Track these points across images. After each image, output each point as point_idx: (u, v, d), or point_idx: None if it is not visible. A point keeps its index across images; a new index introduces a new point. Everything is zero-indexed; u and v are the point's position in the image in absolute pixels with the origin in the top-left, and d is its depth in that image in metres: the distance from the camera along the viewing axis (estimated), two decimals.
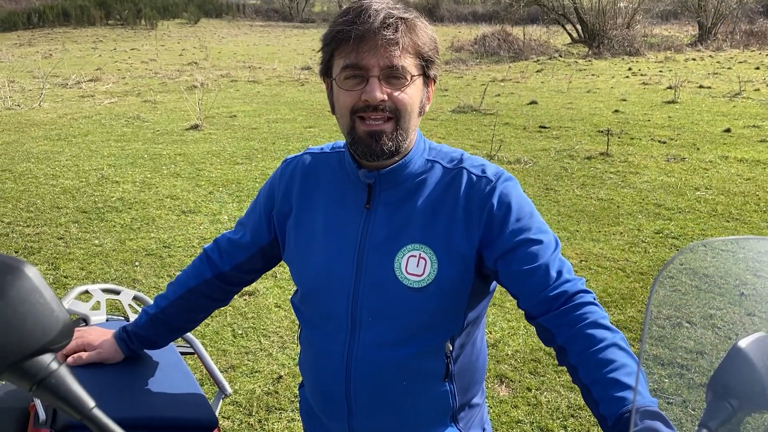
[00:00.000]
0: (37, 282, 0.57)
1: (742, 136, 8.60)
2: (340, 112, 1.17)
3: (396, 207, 1.20)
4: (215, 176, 6.60)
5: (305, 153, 1.34)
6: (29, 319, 0.56)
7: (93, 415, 0.60)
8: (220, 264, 1.39)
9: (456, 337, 1.22)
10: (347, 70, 1.12)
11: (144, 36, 28.56)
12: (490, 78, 15.36)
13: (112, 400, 1.28)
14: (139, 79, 14.69)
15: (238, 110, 10.61)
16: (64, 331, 0.58)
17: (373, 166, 1.19)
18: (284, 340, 3.54)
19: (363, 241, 1.19)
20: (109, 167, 6.89)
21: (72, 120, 9.59)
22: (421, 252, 1.16)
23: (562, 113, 10.38)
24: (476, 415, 1.35)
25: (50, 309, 0.57)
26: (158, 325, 1.39)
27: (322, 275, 1.22)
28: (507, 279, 1.14)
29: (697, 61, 19.21)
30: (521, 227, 1.14)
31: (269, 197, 1.34)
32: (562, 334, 1.06)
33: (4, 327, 0.54)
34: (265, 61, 18.80)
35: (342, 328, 1.21)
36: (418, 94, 1.16)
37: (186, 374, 1.46)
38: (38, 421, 1.25)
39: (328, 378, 1.25)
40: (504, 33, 23.48)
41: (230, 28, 34.87)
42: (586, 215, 5.57)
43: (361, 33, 1.08)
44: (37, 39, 26.90)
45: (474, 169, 1.20)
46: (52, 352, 0.58)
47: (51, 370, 0.58)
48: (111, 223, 5.24)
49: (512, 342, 3.51)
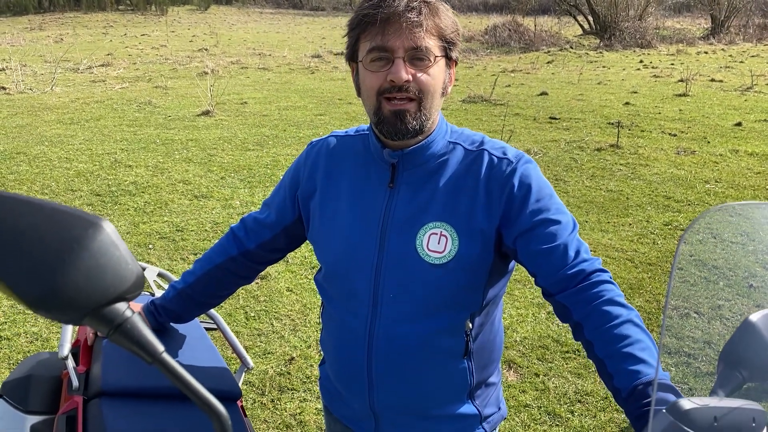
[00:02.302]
0: (114, 236, 0.62)
1: (753, 130, 8.58)
2: (366, 93, 1.21)
3: (418, 186, 1.24)
4: (227, 162, 6.65)
5: (330, 136, 1.38)
6: (109, 270, 0.61)
7: (163, 359, 0.65)
8: (245, 242, 1.43)
9: (476, 315, 1.26)
10: (373, 52, 1.15)
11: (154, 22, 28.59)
12: (500, 68, 15.32)
13: (141, 370, 1.33)
14: (149, 65, 14.74)
15: (249, 97, 10.64)
16: (137, 282, 0.63)
17: (397, 145, 1.23)
18: (296, 323, 3.60)
19: (386, 219, 1.23)
20: (122, 151, 6.95)
21: (84, 104, 9.66)
22: (442, 230, 1.20)
23: (572, 105, 10.37)
24: (492, 394, 1.39)
25: (125, 261, 0.62)
26: (185, 299, 1.44)
27: (346, 253, 1.27)
28: (526, 257, 1.18)
29: (709, 55, 19.08)
30: (540, 207, 1.17)
31: (294, 178, 1.38)
32: (578, 310, 1.10)
33: (89, 276, 0.59)
34: (276, 49, 18.80)
35: (364, 304, 1.25)
36: (441, 74, 1.20)
37: (210, 348, 1.51)
38: (71, 388, 1.31)
39: (351, 353, 1.29)
40: (515, 23, 23.37)
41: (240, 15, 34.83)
42: (595, 206, 5.59)
43: (386, 16, 1.12)
44: (48, 23, 26.97)
45: (495, 151, 1.24)
46: (126, 300, 0.63)
47: (126, 317, 0.63)
48: (125, 206, 5.31)
49: (521, 329, 3.56)
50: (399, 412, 1.31)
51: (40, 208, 0.59)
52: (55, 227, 0.59)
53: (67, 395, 1.33)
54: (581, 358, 3.27)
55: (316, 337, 3.46)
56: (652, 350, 1.01)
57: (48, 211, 0.59)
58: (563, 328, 3.55)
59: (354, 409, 1.36)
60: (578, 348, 3.36)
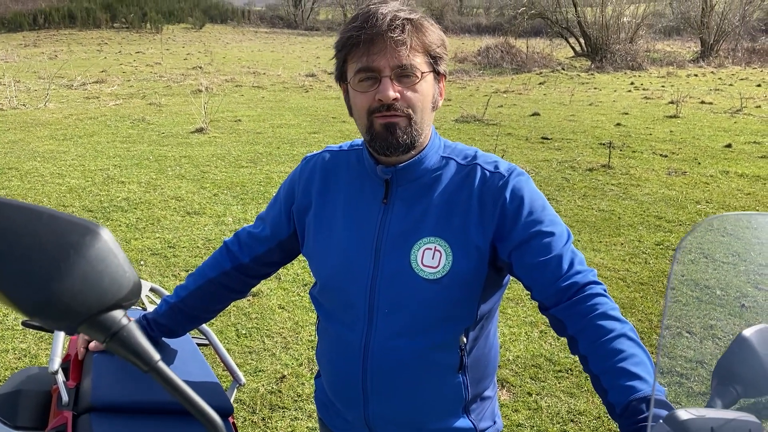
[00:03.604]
0: (111, 244, 0.62)
1: (743, 151, 8.67)
2: (357, 113, 1.22)
3: (412, 202, 1.24)
4: (220, 179, 6.65)
5: (324, 151, 1.39)
6: (106, 277, 0.60)
7: (158, 367, 0.64)
8: (239, 256, 1.43)
9: (470, 330, 1.27)
10: (360, 72, 1.17)
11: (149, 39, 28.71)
12: (493, 89, 15.45)
13: (132, 385, 1.32)
14: (144, 82, 14.78)
15: (243, 115, 10.67)
16: (134, 290, 0.63)
17: (391, 161, 1.23)
18: (287, 341, 3.58)
19: (381, 235, 1.24)
20: (114, 168, 6.94)
21: (77, 120, 9.65)
22: (436, 245, 1.21)
23: (564, 125, 10.45)
24: (488, 408, 1.39)
25: (123, 269, 0.62)
26: (177, 313, 1.43)
27: (341, 267, 1.27)
28: (520, 270, 1.18)
29: (699, 77, 19.32)
30: (534, 220, 1.18)
31: (289, 193, 1.39)
32: (573, 324, 1.10)
33: (86, 283, 0.59)
34: (270, 67, 18.90)
35: (360, 319, 1.25)
36: (430, 89, 1.21)
37: (202, 363, 1.50)
38: (61, 403, 1.30)
39: (346, 366, 1.29)
40: (507, 45, 23.62)
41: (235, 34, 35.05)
42: (587, 226, 5.62)
43: (370, 36, 1.14)
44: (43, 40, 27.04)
45: (487, 165, 1.25)
46: (123, 308, 0.63)
47: (123, 325, 0.63)
48: (117, 222, 5.29)
49: (513, 348, 3.55)
50: (394, 425, 1.30)
51: (38, 214, 0.59)
52: (53, 234, 0.59)
53: (56, 410, 1.32)
54: (574, 377, 3.27)
55: (308, 355, 3.44)
56: (647, 365, 1.01)
57: (45, 218, 0.59)
58: (556, 347, 3.55)
59: (349, 421, 1.36)
60: (571, 367, 3.35)
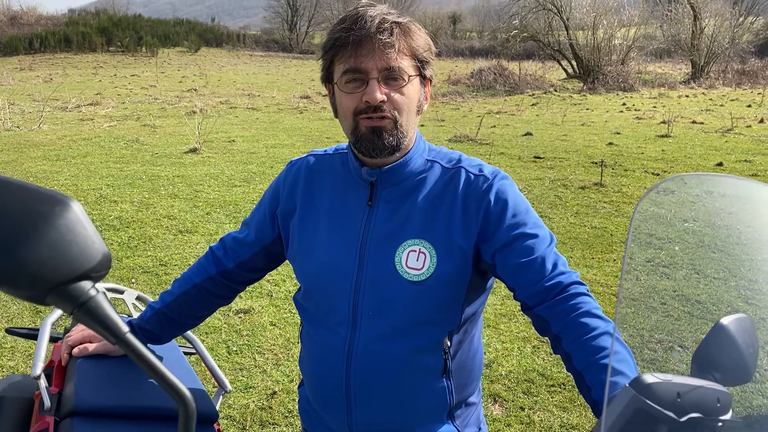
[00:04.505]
0: (81, 215, 0.62)
1: (734, 170, 8.74)
2: (343, 114, 1.22)
3: (397, 204, 1.24)
4: (213, 198, 6.65)
5: (309, 155, 1.39)
6: (74, 247, 0.60)
7: (127, 339, 0.64)
8: (224, 261, 1.43)
9: (454, 333, 1.26)
10: (348, 74, 1.17)
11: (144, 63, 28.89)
12: (486, 110, 15.56)
13: (115, 390, 1.31)
14: (138, 104, 14.83)
15: (237, 135, 10.71)
16: (103, 262, 0.63)
17: (375, 163, 1.24)
18: (278, 357, 3.55)
19: (365, 237, 1.24)
20: (107, 187, 6.94)
21: (71, 142, 9.66)
22: (420, 247, 1.21)
23: (556, 144, 10.52)
24: (472, 414, 1.38)
25: (92, 240, 0.62)
26: (163, 319, 1.42)
27: (325, 270, 1.26)
28: (504, 272, 1.18)
29: (690, 98, 19.53)
30: (517, 222, 1.19)
31: (274, 197, 1.39)
32: (556, 323, 1.10)
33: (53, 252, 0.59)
34: (265, 90, 19.01)
35: (344, 322, 1.25)
36: (416, 93, 1.22)
37: (188, 369, 1.49)
38: (43, 408, 1.28)
39: (329, 371, 1.28)
40: (500, 67, 23.87)
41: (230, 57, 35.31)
42: (579, 242, 5.63)
43: (358, 38, 1.14)
44: (38, 64, 27.17)
45: (472, 168, 1.25)
46: (92, 280, 0.63)
47: (91, 296, 0.62)
48: (108, 241, 5.27)
49: (506, 363, 3.53)
50: (377, 431, 1.29)
51: (7, 184, 0.59)
52: (21, 203, 0.59)
53: (38, 416, 1.30)
54: (566, 391, 3.25)
55: (300, 371, 3.41)
56: (630, 362, 1.01)
57: (14, 188, 0.59)
58: (549, 362, 3.53)
59: (332, 429, 1.34)
60: (564, 382, 3.33)
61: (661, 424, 0.64)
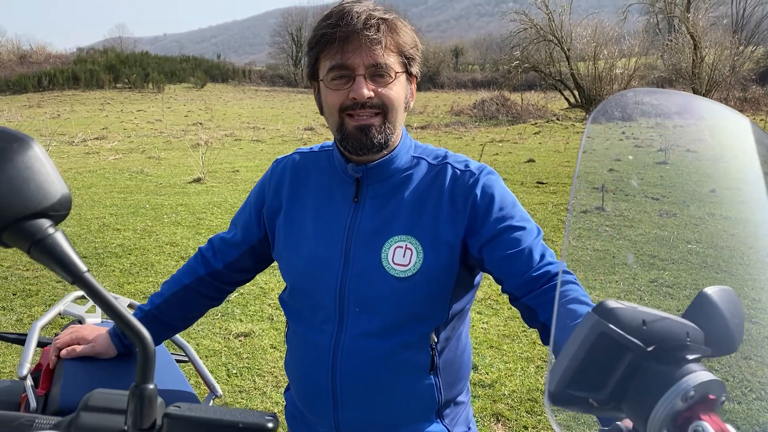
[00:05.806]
0: (41, 154, 0.62)
1: (726, 196, 8.73)
2: (328, 111, 1.22)
3: (383, 200, 1.24)
4: (216, 225, 6.67)
5: (295, 153, 1.39)
6: (32, 184, 0.60)
7: (85, 278, 0.63)
8: (213, 262, 1.43)
9: (441, 329, 1.25)
10: (334, 70, 1.17)
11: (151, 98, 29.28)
12: (488, 139, 15.65)
13: None
14: (144, 138, 14.99)
15: (241, 166, 10.78)
16: (62, 201, 0.62)
17: (362, 160, 1.24)
18: (278, 379, 3.52)
19: (351, 233, 1.23)
20: (110, 216, 6.97)
21: (76, 174, 9.75)
22: (407, 243, 1.20)
23: (559, 170, 10.55)
24: (462, 413, 1.36)
25: (51, 179, 0.62)
26: (152, 321, 1.41)
27: (310, 267, 1.26)
28: (492, 264, 1.17)
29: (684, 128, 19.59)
30: (504, 215, 1.18)
31: (260, 195, 1.38)
32: (544, 311, 1.09)
33: (9, 187, 0.59)
34: (270, 123, 19.21)
35: (330, 319, 1.23)
36: (403, 90, 1.22)
37: (178, 374, 1.48)
38: (29, 409, 1.27)
39: (315, 370, 1.26)
40: (502, 98, 24.09)
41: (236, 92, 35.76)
42: (582, 264, 5.58)
43: (345, 34, 1.14)
44: (47, 101, 27.58)
45: (458, 164, 1.25)
46: (51, 219, 0.62)
47: (48, 233, 0.62)
48: (110, 267, 5.27)
49: (509, 383, 3.48)
50: (365, 430, 1.27)
51: None
52: None
53: None
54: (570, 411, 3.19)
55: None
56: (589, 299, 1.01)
57: None
58: None
59: (319, 431, 1.32)
60: None
61: (626, 351, 0.62)
